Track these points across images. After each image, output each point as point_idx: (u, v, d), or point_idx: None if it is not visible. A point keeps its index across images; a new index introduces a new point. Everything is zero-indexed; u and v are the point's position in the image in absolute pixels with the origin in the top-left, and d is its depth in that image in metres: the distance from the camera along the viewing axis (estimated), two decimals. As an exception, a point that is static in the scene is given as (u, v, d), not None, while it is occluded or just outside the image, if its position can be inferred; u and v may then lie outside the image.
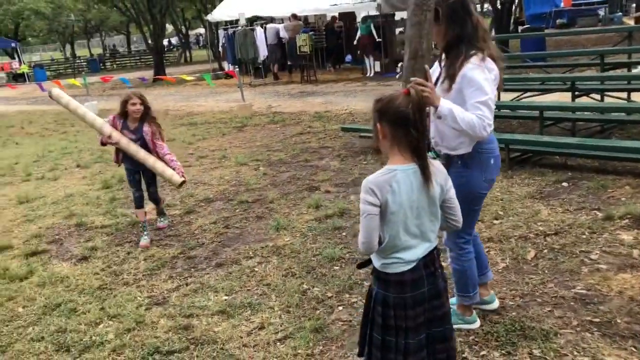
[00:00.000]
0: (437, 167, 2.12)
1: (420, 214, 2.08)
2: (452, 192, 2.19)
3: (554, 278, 3.54)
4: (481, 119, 2.56)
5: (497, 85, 2.74)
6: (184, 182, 4.91)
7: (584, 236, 4.08)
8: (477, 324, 3.10)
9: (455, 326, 2.88)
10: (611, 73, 7.51)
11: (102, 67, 37.42)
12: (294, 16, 17.61)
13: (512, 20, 18.12)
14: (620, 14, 21.90)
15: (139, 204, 5.10)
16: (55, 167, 8.55)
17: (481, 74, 2.61)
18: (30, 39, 47.03)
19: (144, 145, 4.90)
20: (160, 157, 4.92)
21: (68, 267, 4.62)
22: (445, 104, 2.55)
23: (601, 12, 22.23)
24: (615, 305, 3.16)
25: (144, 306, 3.77)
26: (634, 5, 20.03)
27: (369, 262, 2.23)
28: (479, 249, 3.18)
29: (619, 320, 3.01)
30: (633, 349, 2.77)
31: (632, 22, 17.54)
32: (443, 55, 2.81)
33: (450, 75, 2.67)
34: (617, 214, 4.33)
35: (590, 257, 3.75)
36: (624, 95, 7.34)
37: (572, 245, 3.96)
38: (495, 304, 3.24)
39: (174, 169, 4.89)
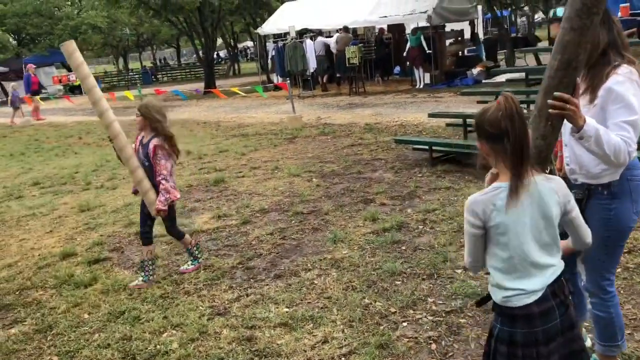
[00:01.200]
0: (554, 183, 1.95)
1: (536, 236, 1.92)
2: (575, 212, 2.01)
3: (630, 299, 3.38)
4: (627, 142, 2.21)
5: None
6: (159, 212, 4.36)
7: (660, 255, 3.89)
8: None
9: None
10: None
11: (154, 79, 38.50)
12: (345, 29, 17.68)
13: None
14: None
15: (145, 241, 4.52)
16: (114, 176, 8.79)
17: (630, 88, 2.27)
18: (85, 52, 48.79)
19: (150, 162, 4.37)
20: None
21: (130, 275, 4.71)
22: (591, 123, 2.16)
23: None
24: (700, 330, 2.98)
25: (206, 316, 3.80)
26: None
27: (488, 297, 2.05)
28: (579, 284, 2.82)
29: None
30: None
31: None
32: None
33: (594, 87, 2.35)
34: (695, 232, 4.12)
35: (669, 278, 3.57)
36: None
37: (648, 264, 3.78)
38: (588, 343, 2.84)
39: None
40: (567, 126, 2.23)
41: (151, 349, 3.44)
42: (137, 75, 39.39)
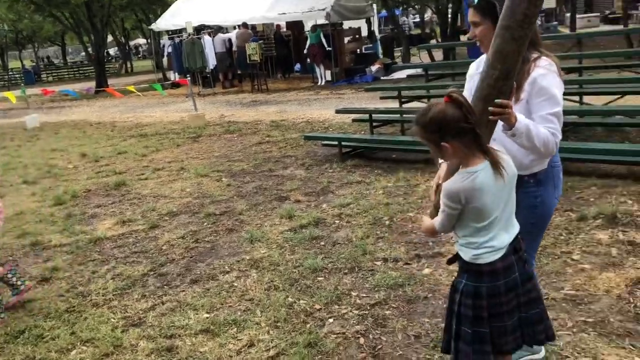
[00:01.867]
0: (503, 153, 2.10)
1: (506, 202, 2.09)
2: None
3: (540, 280, 3.54)
4: (554, 134, 2.25)
5: None
6: None
7: (562, 237, 4.14)
8: (543, 353, 2.74)
9: (521, 359, 2.72)
10: (590, 77, 7.74)
11: (37, 79, 35.91)
12: (244, 25, 17.44)
13: (454, 29, 18.56)
14: (555, 23, 22.91)
15: None
16: (0, 184, 8.04)
17: (552, 80, 2.30)
18: (-43, 50, 44.55)
19: None
20: None
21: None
22: (522, 120, 2.19)
23: (538, 22, 23.17)
24: (605, 305, 3.18)
25: (120, 328, 3.53)
26: (568, 14, 20.97)
27: (457, 257, 2.19)
28: None
29: (612, 319, 3.03)
30: (631, 347, 2.78)
31: (567, 31, 18.33)
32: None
33: (518, 85, 2.29)
34: (590, 214, 4.42)
35: (573, 258, 3.80)
36: (576, 99, 7.58)
37: (553, 246, 4.00)
38: (543, 353, 2.76)
39: None
40: (498, 123, 2.22)
41: (59, 370, 3.15)
42: (17, 75, 36.55)
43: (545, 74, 2.30)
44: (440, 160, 2.21)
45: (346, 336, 3.18)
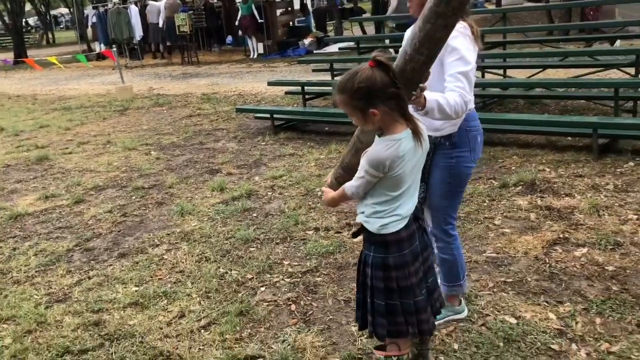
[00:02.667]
0: (420, 122, 2.06)
1: (418, 171, 2.08)
2: None
3: (465, 244, 3.69)
4: (462, 95, 2.32)
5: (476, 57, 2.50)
6: None
7: (485, 204, 4.32)
8: (466, 312, 2.90)
9: (445, 319, 2.85)
10: (490, 51, 7.99)
11: (-52, 49, 33.46)
12: (172, -6, 16.88)
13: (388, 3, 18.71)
14: (482, 0, 23.52)
15: None
16: None
17: (464, 42, 2.40)
18: None
19: None
20: None
21: (-59, 269, 4.06)
22: (431, 98, 2.24)
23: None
24: (523, 265, 3.36)
25: (43, 304, 3.41)
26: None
27: (361, 230, 2.15)
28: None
29: (529, 279, 3.21)
30: (545, 303, 2.96)
31: (493, 7, 18.85)
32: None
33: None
34: (511, 181, 4.63)
35: (494, 223, 3.97)
36: (501, 72, 7.86)
37: (476, 212, 4.17)
38: (466, 312, 2.92)
39: None
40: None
41: (-22, 349, 3.01)
42: None
43: (457, 35, 2.36)
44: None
45: (277, 303, 3.21)
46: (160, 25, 16.83)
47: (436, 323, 2.79)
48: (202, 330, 3.01)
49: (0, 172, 6.48)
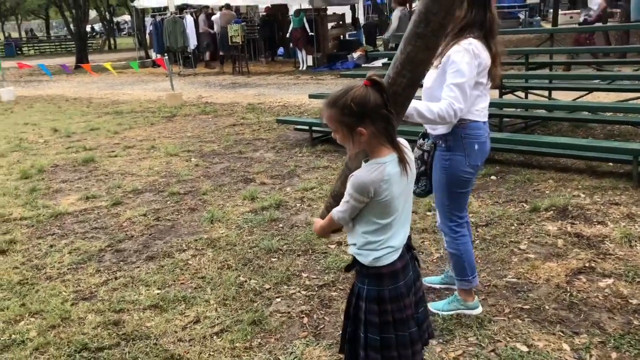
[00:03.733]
0: (405, 144, 2.02)
1: (406, 199, 2.03)
2: None
3: (486, 267, 3.64)
4: (450, 103, 2.60)
5: (485, 74, 2.75)
6: None
7: (513, 227, 4.24)
8: (480, 309, 3.08)
9: (457, 311, 3.04)
10: (535, 72, 7.85)
11: (19, 52, 35.34)
12: (227, 6, 17.31)
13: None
14: (538, 18, 23.08)
15: None
16: (-33, 155, 7.96)
17: (465, 56, 2.63)
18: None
19: None
20: None
21: (-16, 261, 4.30)
22: (410, 105, 2.45)
23: (521, 16, 23.35)
24: (543, 293, 3.28)
25: (70, 301, 3.56)
26: (551, 10, 21.10)
27: (354, 263, 2.09)
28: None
29: (547, 307, 3.13)
30: (561, 333, 2.88)
31: (549, 26, 18.47)
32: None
33: (438, 54, 2.69)
34: (543, 206, 4.53)
35: (520, 247, 3.89)
36: (546, 93, 7.70)
37: (502, 235, 4.09)
38: (479, 309, 3.11)
39: None
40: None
41: (5, 340, 3.16)
42: (-2, 47, 35.95)
43: (459, 50, 2.67)
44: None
45: (290, 315, 3.25)
46: (206, 33, 17.27)
47: (444, 314, 3.07)
48: (215, 337, 3.08)
49: (48, 172, 6.80)
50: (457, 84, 2.63)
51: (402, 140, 2.01)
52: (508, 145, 5.86)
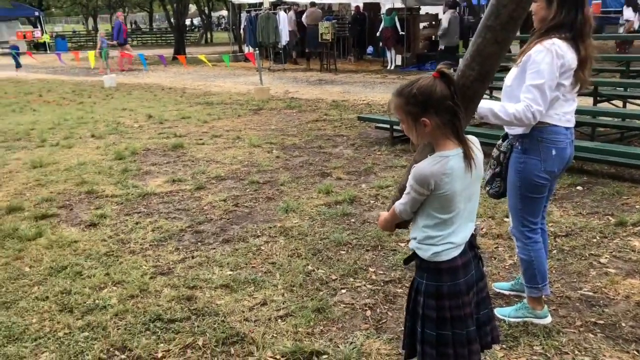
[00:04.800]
0: (475, 142, 2.01)
1: (470, 197, 2.00)
2: None
3: (561, 278, 3.51)
4: (528, 105, 2.57)
5: (569, 77, 2.64)
6: None
7: (595, 240, 4.04)
8: (549, 319, 2.98)
9: (525, 319, 2.98)
10: (636, 80, 7.39)
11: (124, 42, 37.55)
12: (312, 4, 17.57)
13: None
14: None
15: None
16: (70, 135, 8.60)
17: (546, 57, 2.56)
18: (54, 9, 47.25)
19: None
20: None
21: (76, 232, 4.65)
22: (483, 104, 2.56)
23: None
24: (620, 309, 3.12)
25: (149, 275, 3.79)
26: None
27: (414, 256, 2.11)
28: (545, 246, 3.06)
29: (623, 324, 2.98)
30: (635, 352, 2.74)
31: None
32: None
33: (521, 52, 2.70)
34: (631, 220, 4.28)
35: (600, 261, 3.71)
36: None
37: (582, 248, 3.92)
38: (548, 319, 3.01)
39: None
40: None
41: (89, 304, 3.43)
42: (106, 37, 38.38)
43: (541, 50, 2.60)
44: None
45: (354, 307, 3.28)
46: (293, 30, 17.62)
47: (511, 320, 3.01)
48: (279, 320, 3.17)
49: (140, 154, 7.22)
50: (536, 85, 2.57)
51: (471, 138, 1.99)
52: (598, 155, 5.58)
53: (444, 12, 15.93)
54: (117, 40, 19.93)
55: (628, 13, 15.92)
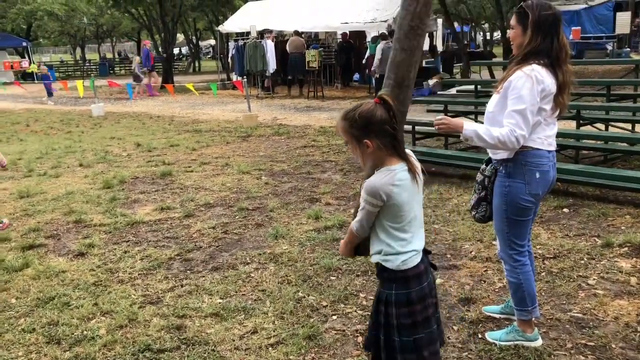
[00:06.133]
0: (413, 155, 2.21)
1: (418, 206, 2.19)
2: None
3: (550, 300, 3.53)
4: (511, 130, 2.63)
5: (549, 101, 2.71)
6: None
7: (582, 261, 4.07)
8: (540, 342, 3.00)
9: (515, 342, 2.99)
10: (617, 104, 7.54)
11: (111, 72, 37.70)
12: (296, 32, 17.82)
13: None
14: (628, 49, 22.10)
15: None
16: (58, 164, 8.57)
17: (526, 83, 2.63)
18: (41, 39, 47.38)
19: None
20: None
21: (64, 261, 4.61)
22: (468, 127, 2.68)
23: (609, 47, 22.45)
24: (610, 330, 3.14)
25: (138, 304, 3.76)
26: (641, 41, 20.18)
27: (381, 270, 2.22)
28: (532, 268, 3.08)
29: (613, 345, 2.99)
30: (627, 374, 2.75)
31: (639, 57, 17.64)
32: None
33: (501, 79, 2.79)
34: (617, 241, 4.33)
35: (588, 282, 3.74)
36: (629, 126, 7.37)
37: (570, 269, 3.95)
38: (539, 342, 3.02)
39: None
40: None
41: (77, 335, 3.38)
42: (94, 67, 38.50)
43: (522, 76, 2.66)
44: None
45: (345, 333, 3.27)
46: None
47: (502, 344, 3.02)
48: (270, 348, 3.15)
49: (128, 183, 7.20)
50: (518, 110, 2.65)
51: (407, 151, 2.19)
52: (583, 178, 5.65)
53: (373, 42, 16.61)
54: (146, 67, 20.50)
55: None
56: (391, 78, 2.33)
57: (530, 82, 2.63)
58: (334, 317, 3.47)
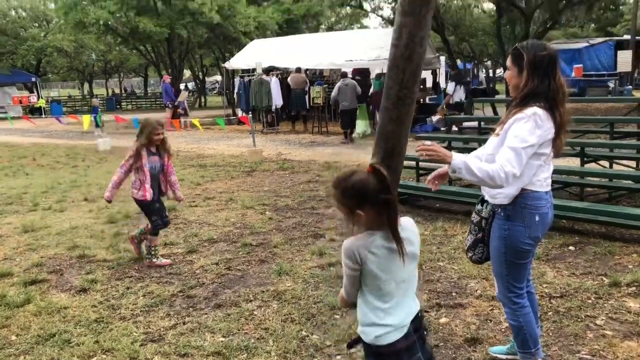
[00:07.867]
0: (409, 225, 2.09)
1: (402, 280, 2.05)
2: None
3: (558, 341, 3.47)
4: (502, 165, 2.56)
5: (548, 145, 2.71)
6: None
7: (590, 301, 4.02)
8: None
9: None
10: (621, 141, 7.56)
11: (118, 107, 38.14)
12: (298, 70, 18.09)
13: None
14: (630, 87, 22.29)
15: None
16: (63, 199, 8.59)
17: (527, 124, 2.61)
18: (50, 75, 48.21)
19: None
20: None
21: (66, 297, 4.58)
22: (458, 158, 2.57)
23: (611, 84, 22.65)
24: (620, 373, 3.08)
25: (139, 342, 3.71)
26: (643, 79, 20.35)
27: (358, 340, 2.14)
28: (534, 308, 3.06)
29: (624, 389, 2.93)
30: (638, 419, 2.68)
31: (641, 95, 17.78)
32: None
33: (501, 122, 2.78)
34: (624, 280, 4.28)
35: (596, 323, 3.68)
36: (633, 164, 7.37)
37: (578, 309, 3.89)
38: None
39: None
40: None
41: (77, 373, 3.33)
42: (101, 102, 39.01)
43: (523, 117, 2.64)
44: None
45: (349, 374, 3.21)
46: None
47: None
48: (272, 389, 3.09)
49: (133, 218, 7.19)
50: (514, 147, 2.60)
51: (405, 220, 2.06)
52: (589, 215, 5.63)
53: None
54: (167, 103, 21.03)
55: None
56: (382, 147, 2.17)
57: (532, 124, 2.61)
58: (338, 357, 3.41)
